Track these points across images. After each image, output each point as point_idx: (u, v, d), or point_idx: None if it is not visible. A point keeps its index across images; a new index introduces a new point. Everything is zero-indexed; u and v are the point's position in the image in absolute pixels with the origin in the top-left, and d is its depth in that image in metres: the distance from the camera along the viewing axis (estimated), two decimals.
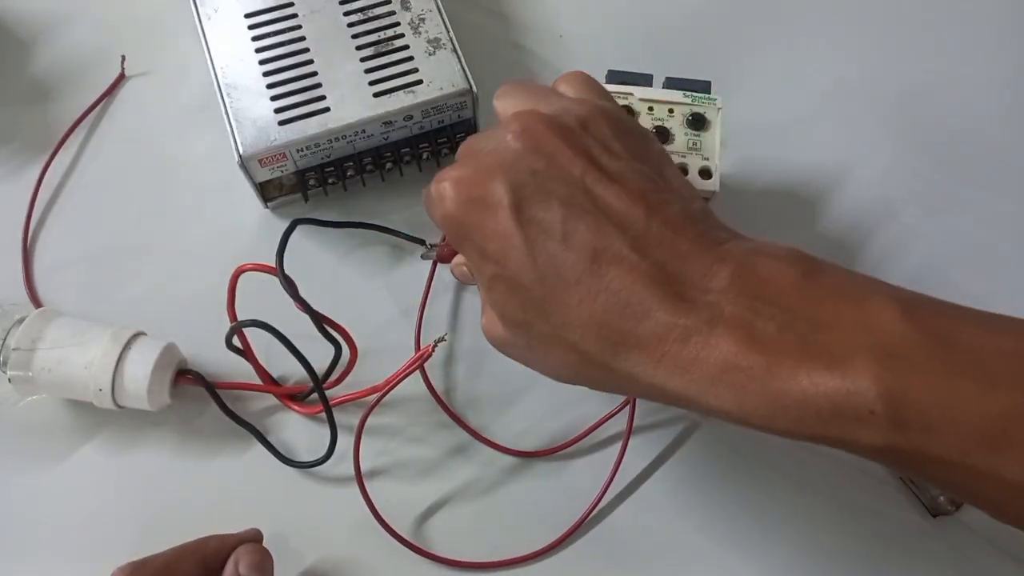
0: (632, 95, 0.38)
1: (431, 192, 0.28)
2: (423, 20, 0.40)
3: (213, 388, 0.36)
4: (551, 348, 0.27)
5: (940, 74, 0.46)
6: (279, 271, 0.33)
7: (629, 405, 0.36)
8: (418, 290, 0.40)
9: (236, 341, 0.36)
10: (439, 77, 0.39)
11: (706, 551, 0.35)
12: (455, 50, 0.39)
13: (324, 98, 0.38)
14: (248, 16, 0.40)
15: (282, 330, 0.33)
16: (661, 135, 0.37)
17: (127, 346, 0.35)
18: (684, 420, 0.38)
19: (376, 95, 0.38)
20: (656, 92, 0.38)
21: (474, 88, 0.39)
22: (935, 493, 0.35)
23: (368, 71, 0.39)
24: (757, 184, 0.43)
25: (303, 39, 0.40)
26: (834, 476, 0.36)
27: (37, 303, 0.40)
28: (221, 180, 0.42)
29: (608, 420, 0.37)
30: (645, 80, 0.39)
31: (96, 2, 0.48)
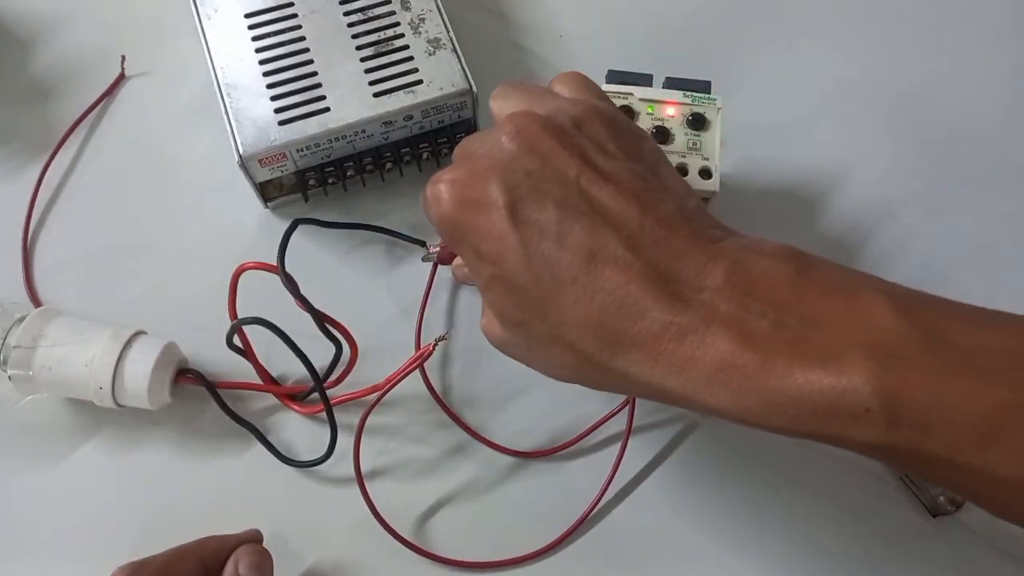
0: (632, 95, 0.38)
1: (427, 194, 0.28)
2: (423, 20, 0.40)
3: (213, 387, 0.36)
4: (549, 348, 0.27)
5: (940, 74, 0.46)
6: (280, 269, 0.33)
7: (628, 406, 0.36)
8: (418, 289, 0.40)
9: (237, 340, 0.36)
10: (439, 77, 0.39)
11: (705, 550, 0.35)
12: (455, 50, 0.40)
13: (324, 98, 0.38)
14: (248, 16, 0.40)
15: (283, 329, 0.33)
16: (661, 135, 0.37)
17: (128, 345, 0.35)
18: (683, 420, 0.38)
19: (376, 95, 0.38)
20: (656, 92, 0.38)
21: (474, 88, 0.39)
22: (935, 493, 0.35)
23: (368, 71, 0.39)
24: (757, 184, 0.43)
25: (303, 39, 0.40)
26: (834, 476, 0.36)
27: (37, 303, 0.40)
28: (221, 180, 0.42)
29: (608, 420, 0.37)
30: (645, 80, 0.39)
31: (96, 2, 0.48)
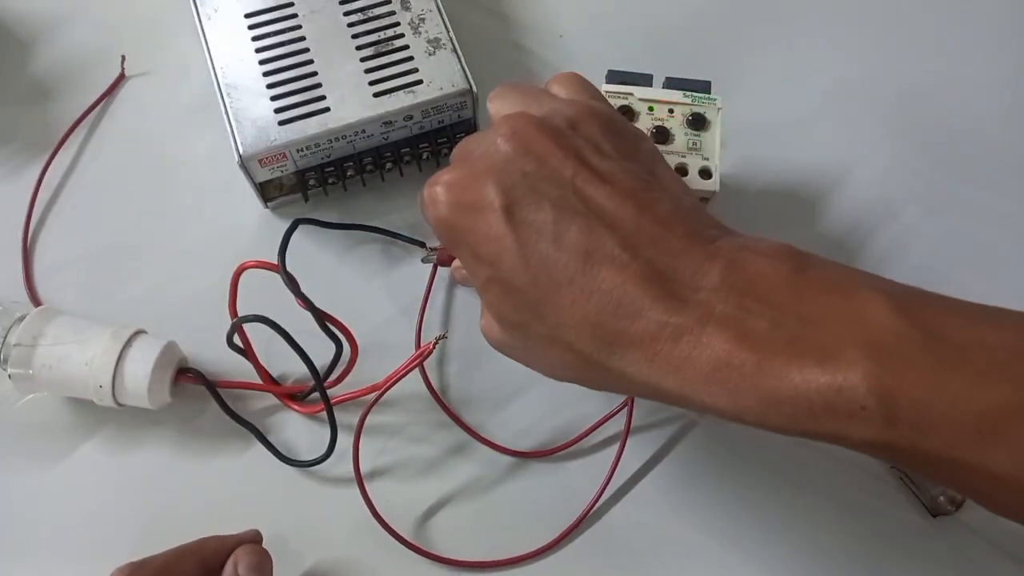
0: (632, 95, 0.38)
1: (424, 196, 0.28)
2: (423, 20, 0.40)
3: (213, 387, 0.36)
4: (547, 348, 0.27)
5: (940, 74, 0.46)
6: (281, 268, 0.33)
7: (627, 407, 0.36)
8: (418, 289, 0.40)
9: (237, 339, 0.36)
10: (439, 77, 0.39)
11: (703, 549, 0.35)
12: (455, 50, 0.40)
13: (324, 98, 0.38)
14: (248, 16, 0.40)
15: (283, 328, 0.33)
16: (661, 135, 0.37)
17: (128, 344, 0.35)
18: (681, 420, 0.38)
19: (376, 95, 0.38)
20: (656, 92, 0.38)
21: (474, 88, 0.39)
22: (935, 493, 0.35)
23: (368, 71, 0.39)
24: (757, 184, 0.43)
25: (303, 39, 0.40)
26: (833, 475, 0.36)
27: (37, 303, 0.40)
28: (221, 180, 0.42)
29: (607, 421, 0.37)
30: (645, 80, 0.39)
31: (96, 2, 0.48)
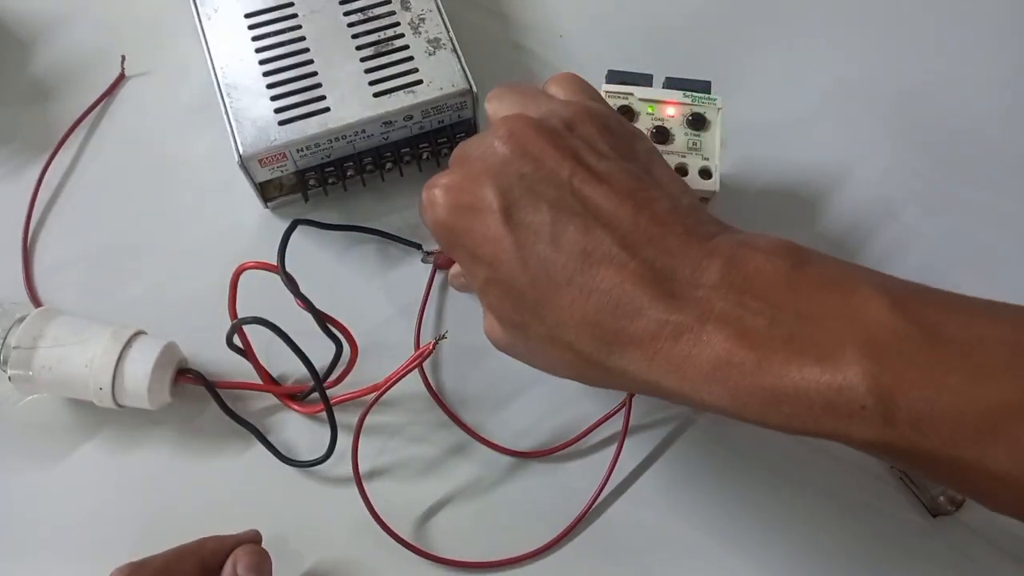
0: (632, 95, 0.38)
1: (423, 199, 0.28)
2: (423, 20, 0.40)
3: (213, 387, 0.36)
4: (549, 348, 0.27)
5: (940, 74, 0.46)
6: (281, 269, 0.33)
7: (625, 407, 0.36)
8: (417, 289, 0.40)
9: (236, 340, 0.36)
10: (439, 77, 0.39)
11: (703, 548, 0.35)
12: (455, 50, 0.40)
13: (324, 98, 0.38)
14: (248, 16, 0.40)
15: (283, 329, 0.33)
16: (661, 135, 0.37)
17: (128, 345, 0.35)
18: (679, 418, 0.38)
19: (376, 95, 0.38)
20: (656, 92, 0.38)
21: (474, 88, 0.39)
22: (935, 493, 0.35)
23: (368, 71, 0.39)
24: (757, 184, 0.43)
25: (303, 39, 0.40)
26: (833, 475, 0.36)
27: (37, 303, 0.40)
28: (221, 180, 0.42)
29: (606, 420, 0.37)
30: (645, 80, 0.39)
31: (96, 2, 0.48)
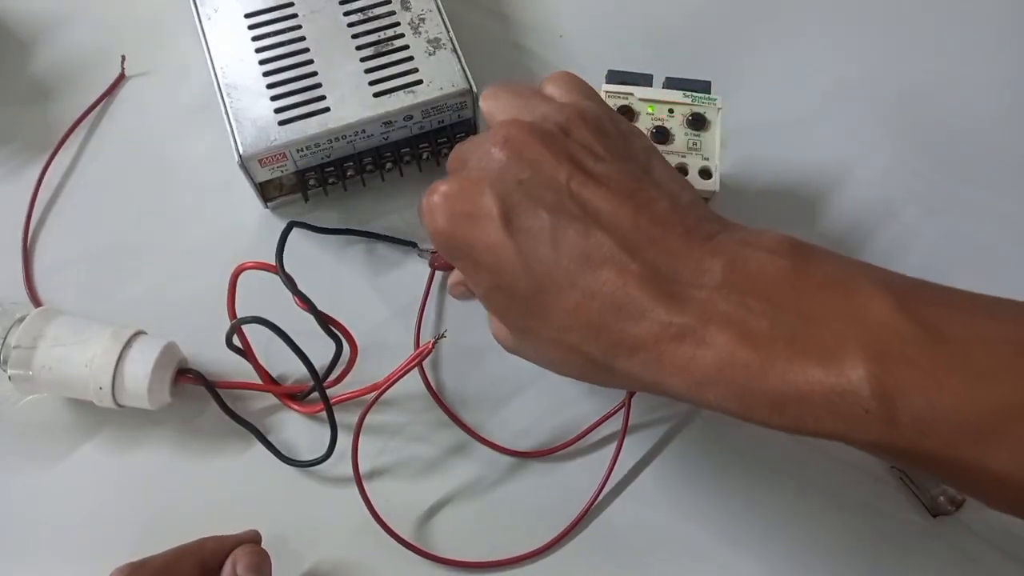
0: (632, 95, 0.38)
1: (422, 207, 0.28)
2: (423, 20, 0.40)
3: (213, 387, 0.36)
4: (555, 351, 0.27)
5: (940, 74, 0.46)
6: (279, 269, 0.33)
7: (625, 407, 0.36)
8: (416, 288, 0.40)
9: (236, 340, 0.36)
10: (439, 77, 0.39)
11: (703, 547, 0.35)
12: (455, 50, 0.40)
13: (324, 98, 0.38)
14: (248, 16, 0.40)
15: (282, 329, 0.33)
16: (661, 135, 0.37)
17: (128, 344, 0.35)
18: (678, 417, 0.38)
19: (376, 95, 0.38)
20: (656, 92, 0.38)
21: (474, 88, 0.39)
22: (935, 493, 0.35)
23: (368, 71, 0.39)
24: (757, 184, 0.43)
25: (303, 39, 0.40)
26: (833, 474, 0.36)
27: (37, 303, 0.40)
28: (221, 180, 0.42)
29: (606, 420, 0.37)
30: (645, 80, 0.39)
31: (96, 2, 0.48)
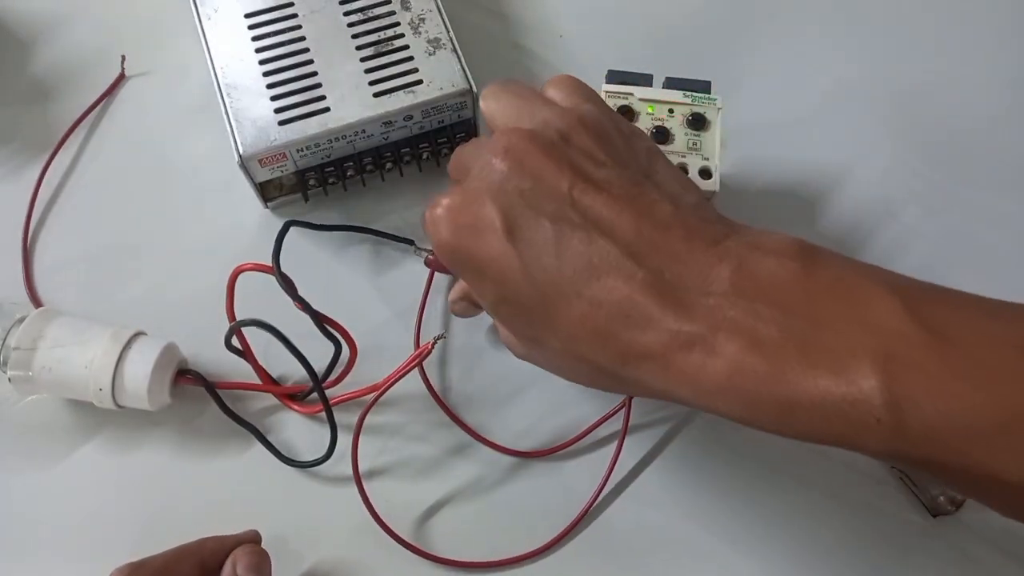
0: (632, 95, 0.38)
1: (426, 218, 0.28)
2: (423, 20, 0.40)
3: (213, 388, 0.36)
4: (564, 359, 0.27)
5: (940, 74, 0.46)
6: (276, 271, 0.33)
7: (625, 407, 0.36)
8: (417, 289, 0.40)
9: (235, 341, 0.36)
10: (439, 77, 0.39)
11: (703, 547, 0.35)
12: (455, 50, 0.39)
13: (324, 98, 0.38)
14: (248, 16, 0.40)
15: (282, 330, 0.33)
16: (661, 135, 0.37)
17: (127, 346, 0.35)
18: (678, 417, 0.38)
19: (376, 95, 0.38)
20: (656, 92, 0.38)
21: (474, 88, 0.39)
22: (935, 493, 0.35)
23: (368, 71, 0.39)
24: (757, 184, 0.43)
25: (303, 39, 0.40)
26: (833, 475, 0.36)
27: (37, 303, 0.40)
28: (221, 180, 0.42)
29: (607, 420, 0.37)
30: (645, 80, 0.39)
31: (96, 2, 0.48)
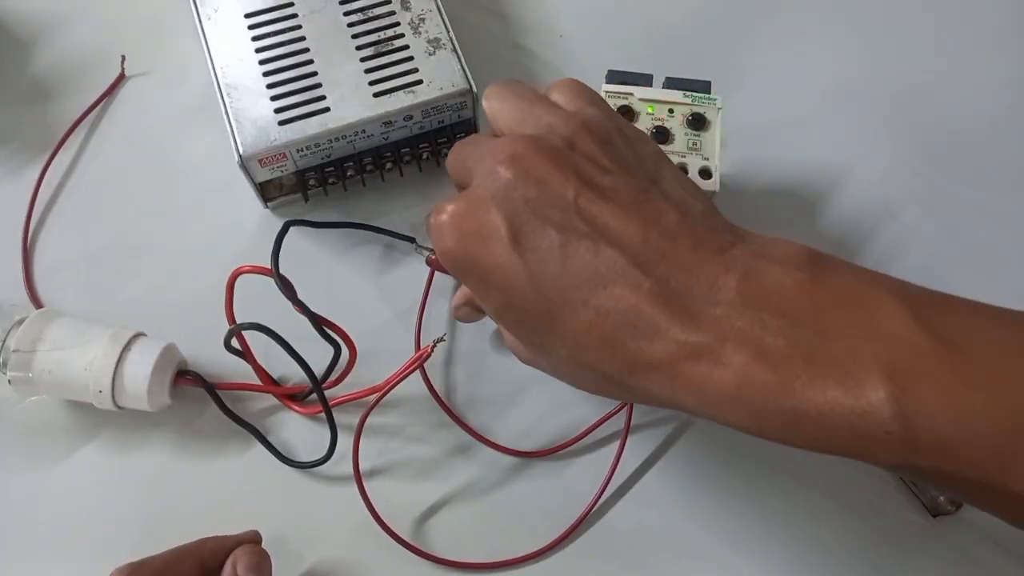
0: (632, 95, 0.38)
1: (430, 224, 0.28)
2: (423, 20, 0.40)
3: (213, 389, 0.36)
4: (570, 367, 0.27)
5: (940, 74, 0.46)
6: (275, 274, 0.33)
7: (627, 407, 0.36)
8: (417, 290, 0.40)
9: (235, 342, 0.36)
10: (439, 77, 0.39)
11: (704, 548, 0.35)
12: (455, 50, 0.39)
13: (324, 98, 0.38)
14: (248, 16, 0.40)
15: (281, 331, 0.33)
16: (661, 135, 0.37)
17: (127, 347, 0.35)
18: (680, 418, 0.38)
19: (376, 95, 0.38)
20: (656, 92, 0.38)
21: (474, 88, 0.39)
22: (935, 493, 0.35)
23: (368, 71, 0.39)
24: (757, 184, 0.43)
25: (303, 39, 0.40)
26: (833, 474, 0.36)
27: (37, 303, 0.40)
28: (221, 180, 0.42)
29: (608, 420, 0.37)
30: (645, 80, 0.39)
31: (96, 2, 0.48)
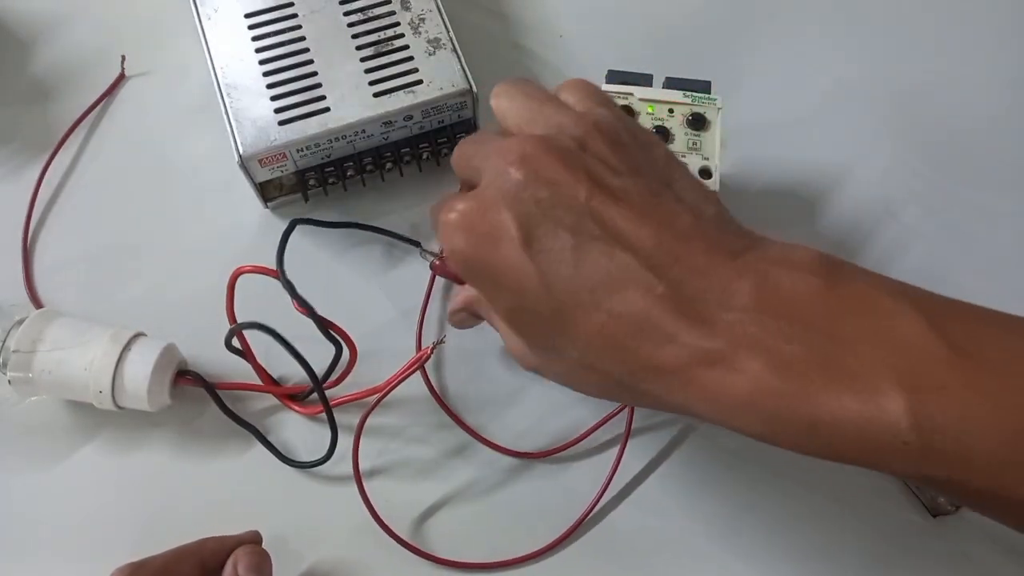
0: (632, 95, 0.38)
1: (439, 222, 0.28)
2: (423, 20, 0.40)
3: (213, 389, 0.36)
4: (579, 371, 0.27)
5: (940, 74, 0.46)
6: (280, 273, 0.33)
7: (628, 408, 0.36)
8: (418, 290, 0.40)
9: (235, 342, 0.36)
10: (439, 77, 0.39)
11: (704, 549, 0.35)
12: (455, 50, 0.39)
13: (324, 98, 0.38)
14: (248, 16, 0.40)
15: (281, 330, 0.33)
16: (661, 135, 0.37)
17: (127, 347, 0.35)
18: (682, 420, 0.38)
19: (376, 95, 0.38)
20: (656, 92, 0.38)
21: (474, 88, 0.39)
22: (935, 493, 0.35)
23: (368, 71, 0.39)
24: (757, 184, 0.43)
25: (303, 39, 0.40)
26: (834, 475, 0.36)
27: (37, 303, 0.40)
28: (221, 180, 0.42)
29: (608, 421, 0.37)
30: (645, 80, 0.39)
31: (96, 2, 0.48)
